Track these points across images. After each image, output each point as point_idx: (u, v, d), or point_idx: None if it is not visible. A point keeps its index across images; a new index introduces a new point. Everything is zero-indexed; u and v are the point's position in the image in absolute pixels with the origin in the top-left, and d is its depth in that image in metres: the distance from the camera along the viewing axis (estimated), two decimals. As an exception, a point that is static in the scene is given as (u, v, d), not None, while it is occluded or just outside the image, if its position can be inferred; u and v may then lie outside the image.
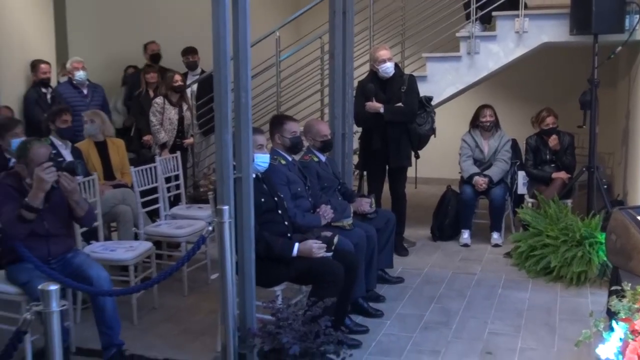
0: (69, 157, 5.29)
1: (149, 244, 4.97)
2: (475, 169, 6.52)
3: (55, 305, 2.30)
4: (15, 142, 4.88)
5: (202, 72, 7.88)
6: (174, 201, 6.17)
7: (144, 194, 5.57)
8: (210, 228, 3.67)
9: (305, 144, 4.95)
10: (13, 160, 4.87)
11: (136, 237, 5.35)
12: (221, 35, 3.46)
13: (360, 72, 6.47)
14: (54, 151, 4.49)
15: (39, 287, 2.33)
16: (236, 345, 3.63)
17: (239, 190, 3.64)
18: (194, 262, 4.93)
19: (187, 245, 5.35)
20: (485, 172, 6.46)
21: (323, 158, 5.05)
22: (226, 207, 3.51)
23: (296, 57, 7.77)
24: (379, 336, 4.34)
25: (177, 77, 6.95)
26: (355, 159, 6.24)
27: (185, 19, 8.18)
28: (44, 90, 6.87)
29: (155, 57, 8.04)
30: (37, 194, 3.70)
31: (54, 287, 2.30)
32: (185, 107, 7.01)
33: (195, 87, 7.75)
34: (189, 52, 7.93)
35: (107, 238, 5.25)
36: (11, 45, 6.92)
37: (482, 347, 4.17)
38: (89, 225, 4.49)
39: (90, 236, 4.87)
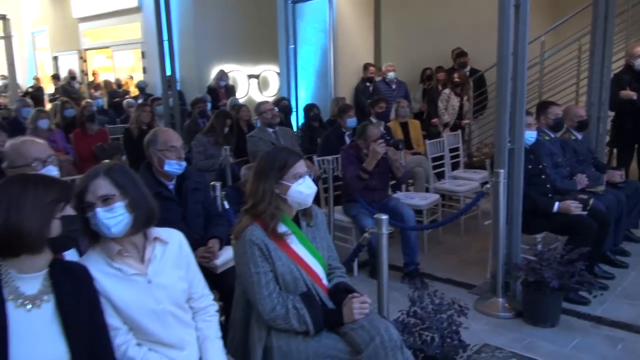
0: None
1: (436, 196, 5.01)
2: None
3: (384, 229, 2.45)
4: (350, 121, 5.23)
5: (471, 69, 7.60)
6: (454, 166, 6.12)
7: (433, 160, 5.62)
8: (489, 186, 3.59)
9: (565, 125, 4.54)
10: (347, 134, 5.24)
11: (427, 190, 5.43)
12: (505, 38, 3.31)
13: (616, 66, 5.68)
14: (383, 131, 4.73)
15: (375, 216, 2.49)
16: (503, 275, 3.52)
17: (512, 158, 3.48)
18: (469, 211, 4.87)
19: (464, 199, 5.30)
20: None
21: (579, 136, 4.56)
22: (502, 171, 3.40)
23: (555, 56, 7.14)
24: (624, 283, 3.85)
25: (456, 75, 6.83)
26: (607, 138, 5.54)
27: (458, 30, 7.93)
28: (368, 84, 7.25)
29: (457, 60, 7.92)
30: (371, 161, 3.95)
31: (384, 217, 2.45)
32: (465, 97, 6.86)
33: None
34: (461, 54, 7.70)
35: (407, 190, 5.42)
36: (347, 53, 7.44)
37: None
38: (404, 182, 4.81)
39: (396, 187, 5.07)
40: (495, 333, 3.24)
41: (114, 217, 1.73)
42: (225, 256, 2.73)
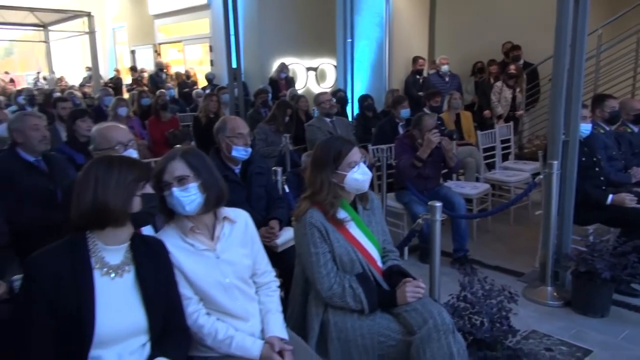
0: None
1: (487, 186, 4.87)
2: None
3: (438, 216, 2.39)
4: (403, 112, 5.14)
5: (524, 63, 7.25)
6: (504, 157, 5.91)
7: (485, 150, 5.45)
8: (541, 176, 3.44)
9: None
10: (400, 124, 5.15)
11: (477, 180, 5.27)
12: (563, 30, 3.15)
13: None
14: (438, 122, 4.63)
15: (429, 203, 2.43)
16: (553, 264, 3.38)
17: (566, 150, 3.32)
18: (519, 201, 4.69)
19: (514, 189, 5.12)
20: None
21: (636, 129, 4.30)
22: (555, 162, 3.26)
23: (612, 49, 6.72)
24: (679, 277, 3.63)
25: (512, 67, 6.55)
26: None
27: (509, 24, 7.56)
28: (418, 77, 7.08)
29: (507, 54, 7.58)
30: (425, 150, 3.87)
31: (438, 204, 2.39)
32: (518, 89, 6.59)
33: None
34: (514, 48, 7.33)
35: (457, 179, 5.28)
36: (400, 45, 7.28)
37: None
38: (456, 171, 4.71)
39: (447, 176, 4.95)
40: (543, 320, 3.12)
41: (188, 196, 1.77)
42: (286, 236, 2.75)
